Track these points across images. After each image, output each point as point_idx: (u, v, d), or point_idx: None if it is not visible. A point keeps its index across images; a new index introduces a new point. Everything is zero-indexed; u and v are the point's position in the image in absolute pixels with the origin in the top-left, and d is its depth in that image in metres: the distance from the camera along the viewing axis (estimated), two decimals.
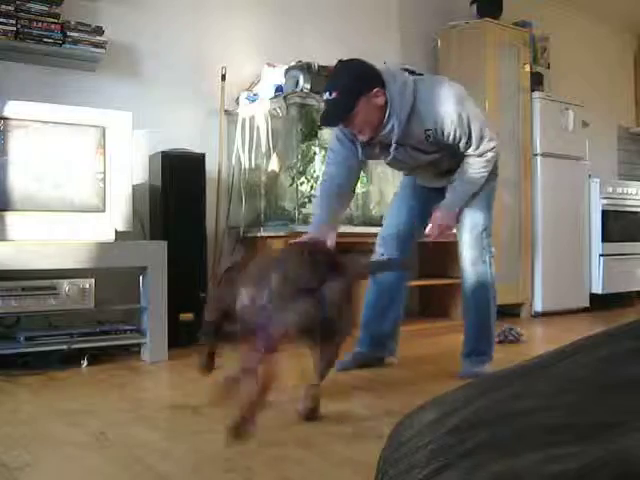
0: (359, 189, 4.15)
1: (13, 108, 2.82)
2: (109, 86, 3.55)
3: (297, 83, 3.66)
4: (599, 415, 0.69)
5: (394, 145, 2.46)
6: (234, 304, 1.98)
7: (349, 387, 2.52)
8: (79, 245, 2.84)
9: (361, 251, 3.89)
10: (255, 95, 3.90)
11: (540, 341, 3.88)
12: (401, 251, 2.78)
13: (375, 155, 2.60)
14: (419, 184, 2.82)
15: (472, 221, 2.65)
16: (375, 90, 2.34)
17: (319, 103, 3.65)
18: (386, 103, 2.38)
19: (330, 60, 3.99)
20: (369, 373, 2.84)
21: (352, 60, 2.46)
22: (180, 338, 3.21)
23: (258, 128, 3.84)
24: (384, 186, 4.38)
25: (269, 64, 3.93)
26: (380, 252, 2.82)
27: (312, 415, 2.03)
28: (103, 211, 2.98)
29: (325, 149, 3.99)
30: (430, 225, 2.62)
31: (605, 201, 5.18)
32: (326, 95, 2.37)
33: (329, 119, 2.45)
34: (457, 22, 4.80)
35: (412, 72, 2.57)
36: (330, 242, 2.45)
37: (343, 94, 2.32)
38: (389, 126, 2.41)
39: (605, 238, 5.13)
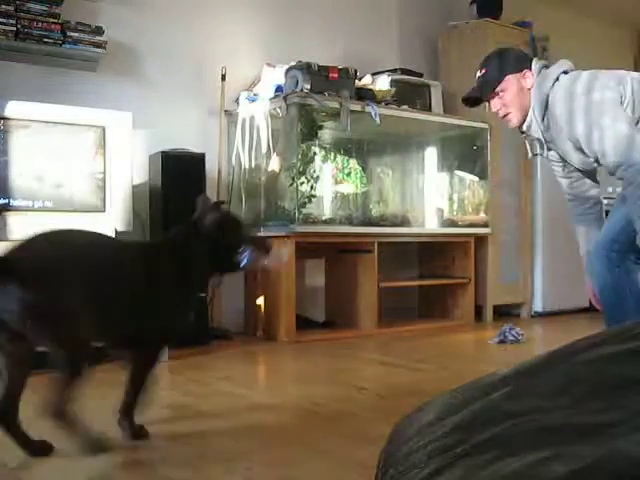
0: (358, 189, 4.16)
1: (13, 108, 2.82)
2: (109, 86, 3.55)
3: (297, 83, 3.66)
4: (599, 415, 0.69)
5: (544, 144, 2.33)
6: None
7: (349, 387, 2.52)
8: None
9: (361, 251, 3.90)
10: (255, 95, 3.90)
11: (540, 341, 3.88)
12: None
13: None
14: None
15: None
16: (525, 71, 2.27)
17: (319, 103, 3.66)
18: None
19: (330, 60, 4.01)
20: (369, 373, 2.84)
21: (510, 48, 2.43)
22: (180, 338, 3.20)
23: (258, 128, 3.84)
24: (384, 186, 4.39)
25: (269, 64, 3.93)
26: None
27: None
28: (103, 211, 2.98)
29: (325, 149, 4.00)
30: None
31: (605, 201, 5.16)
32: (477, 74, 2.34)
33: (473, 92, 2.39)
34: (457, 22, 4.79)
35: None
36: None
37: (491, 69, 2.30)
38: (529, 119, 2.29)
39: None
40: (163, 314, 1.80)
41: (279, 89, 3.78)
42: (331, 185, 4.05)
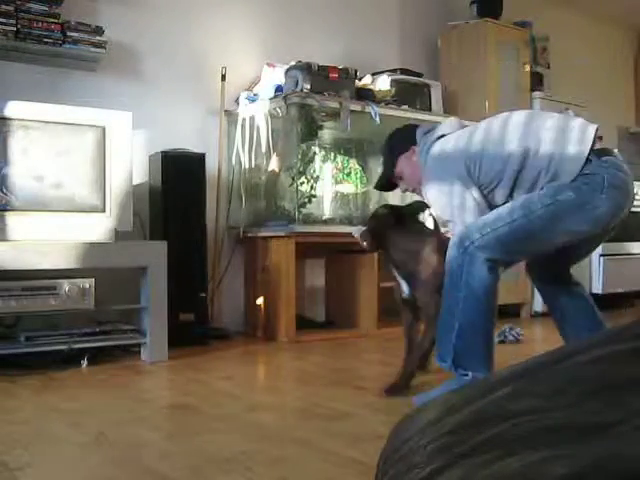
0: (358, 189, 4.15)
1: (13, 108, 2.82)
2: (109, 86, 3.55)
3: (297, 83, 3.66)
4: (599, 415, 0.69)
5: None
6: None
7: (349, 387, 2.52)
8: (79, 245, 2.83)
9: (361, 251, 3.90)
10: (255, 95, 3.90)
11: (540, 341, 3.88)
12: None
13: None
14: None
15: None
16: (412, 148, 2.40)
17: (319, 103, 3.66)
18: None
19: (330, 60, 4.01)
20: (369, 373, 2.84)
21: (396, 128, 2.56)
22: (180, 338, 3.21)
23: (258, 128, 3.84)
24: None
25: (269, 64, 3.93)
26: None
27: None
28: (103, 211, 2.98)
29: (325, 149, 4.00)
30: None
31: None
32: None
33: (379, 180, 2.58)
34: (457, 22, 4.79)
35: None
36: None
37: (385, 156, 2.48)
38: None
39: None
40: None
41: (279, 89, 3.78)
42: (331, 185, 4.05)
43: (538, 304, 4.74)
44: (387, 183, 2.55)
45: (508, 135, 2.15)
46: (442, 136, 2.33)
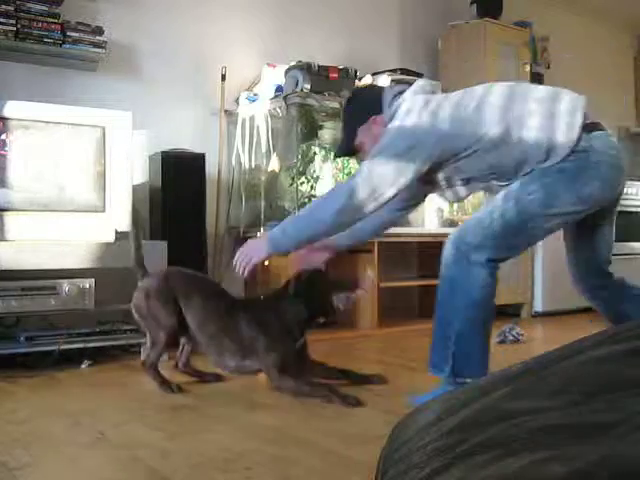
0: None
1: (13, 108, 2.82)
2: (109, 86, 3.55)
3: (297, 83, 3.66)
4: (599, 415, 0.69)
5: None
6: None
7: (349, 387, 2.51)
8: (79, 245, 2.83)
9: (361, 251, 3.89)
10: (255, 95, 3.90)
11: (540, 341, 3.87)
12: None
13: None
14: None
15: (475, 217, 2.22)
16: (372, 118, 2.20)
17: (319, 103, 3.66)
18: None
19: (330, 60, 4.01)
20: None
21: (357, 90, 2.41)
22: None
23: (258, 128, 3.84)
24: None
25: (269, 64, 3.93)
26: None
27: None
28: (103, 211, 2.98)
29: (325, 149, 4.00)
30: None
31: None
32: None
33: (339, 150, 2.45)
34: (457, 22, 4.80)
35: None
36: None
37: (345, 126, 2.31)
38: None
39: None
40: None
41: (279, 89, 3.78)
42: (331, 185, 4.05)
43: (538, 304, 4.74)
44: (348, 152, 2.42)
45: (485, 116, 2.02)
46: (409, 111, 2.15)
